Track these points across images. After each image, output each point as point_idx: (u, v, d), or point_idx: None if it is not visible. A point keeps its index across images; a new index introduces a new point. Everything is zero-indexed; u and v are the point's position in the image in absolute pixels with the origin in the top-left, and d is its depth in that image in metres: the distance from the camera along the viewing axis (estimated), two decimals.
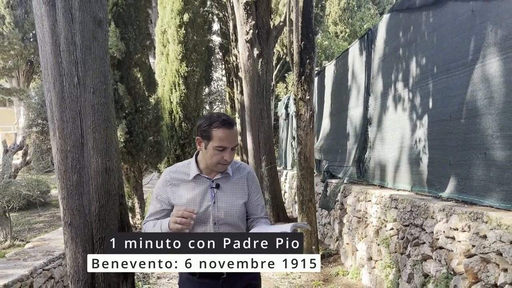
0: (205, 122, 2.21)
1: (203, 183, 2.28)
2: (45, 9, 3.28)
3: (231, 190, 2.31)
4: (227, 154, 2.17)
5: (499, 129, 3.25)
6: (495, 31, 3.32)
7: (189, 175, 2.28)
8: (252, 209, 2.38)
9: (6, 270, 3.73)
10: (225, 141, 2.15)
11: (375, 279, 4.77)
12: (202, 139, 2.22)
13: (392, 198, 4.49)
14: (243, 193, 2.33)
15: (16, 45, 24.07)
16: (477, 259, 2.99)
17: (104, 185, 3.46)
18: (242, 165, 2.43)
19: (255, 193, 2.39)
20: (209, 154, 2.19)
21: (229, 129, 2.17)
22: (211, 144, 2.17)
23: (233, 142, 2.19)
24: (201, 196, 2.25)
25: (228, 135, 2.16)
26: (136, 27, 6.36)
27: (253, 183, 2.39)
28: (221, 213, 2.24)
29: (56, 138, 3.40)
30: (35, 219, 9.74)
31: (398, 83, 5.09)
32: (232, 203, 2.28)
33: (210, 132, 2.16)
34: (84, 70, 3.35)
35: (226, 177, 2.31)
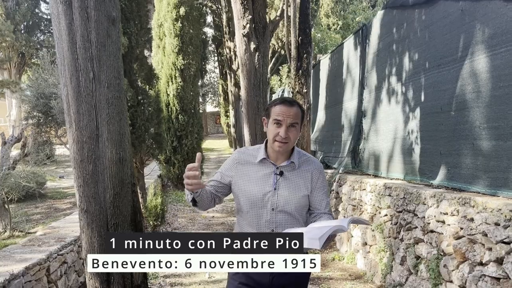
0: (270, 103, 2.29)
1: (268, 168, 2.29)
2: (62, 8, 3.47)
3: (294, 180, 2.29)
4: (282, 130, 2.16)
5: (485, 120, 3.51)
6: (483, 30, 3.57)
7: (256, 158, 2.31)
8: (316, 204, 2.33)
9: (24, 255, 3.95)
10: (281, 115, 2.16)
11: (370, 263, 5.04)
12: (266, 118, 2.28)
13: (386, 186, 4.76)
14: (306, 186, 2.29)
15: (8, 37, 23.99)
16: (464, 240, 3.26)
17: (118, 174, 3.69)
18: (311, 159, 2.41)
19: (320, 189, 2.34)
20: (269, 130, 2.23)
21: (287, 106, 2.19)
22: (270, 121, 2.22)
23: (290, 117, 2.17)
24: (263, 180, 2.27)
25: (284, 110, 2.17)
26: (137, 22, 6.54)
27: (318, 178, 2.34)
28: (281, 200, 2.24)
29: (72, 130, 3.61)
30: (32, 211, 9.83)
31: (391, 77, 5.34)
32: (293, 193, 2.26)
33: (270, 109, 2.23)
34: (99, 66, 3.56)
35: (292, 166, 2.30)
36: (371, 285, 4.74)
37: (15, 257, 3.85)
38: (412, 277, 4.07)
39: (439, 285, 3.56)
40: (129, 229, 3.81)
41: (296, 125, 2.21)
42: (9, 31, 23.74)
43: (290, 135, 2.19)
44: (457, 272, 3.31)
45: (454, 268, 3.36)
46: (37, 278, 3.74)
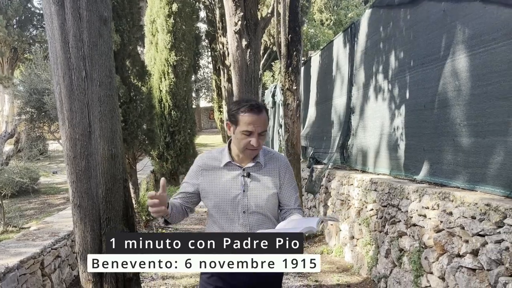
0: (234, 106, 2.21)
1: (234, 171, 2.27)
2: (55, 9, 3.57)
3: (262, 179, 2.28)
4: (254, 139, 2.14)
5: (465, 118, 3.64)
6: (463, 30, 3.69)
7: (221, 162, 2.28)
8: (285, 200, 2.33)
9: (19, 249, 4.05)
10: (252, 125, 2.12)
11: (357, 256, 5.18)
12: (231, 124, 2.21)
13: (372, 182, 4.89)
14: (275, 184, 2.29)
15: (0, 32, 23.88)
16: (444, 233, 3.39)
17: (110, 170, 3.79)
18: (276, 155, 2.40)
19: (289, 184, 2.34)
20: (237, 138, 2.18)
21: (257, 114, 2.13)
22: (238, 129, 2.15)
23: (260, 127, 2.15)
24: (231, 183, 2.25)
25: (255, 119, 2.12)
26: (130, 20, 6.62)
27: (286, 173, 2.34)
28: (250, 202, 2.23)
29: (65, 127, 3.71)
30: (26, 206, 9.87)
31: (378, 74, 5.46)
32: (262, 193, 2.25)
33: (238, 116, 2.15)
34: (91, 64, 3.66)
35: (258, 166, 2.28)
36: (358, 277, 4.88)
37: (9, 251, 3.95)
38: (396, 269, 4.21)
39: (421, 276, 3.70)
40: (121, 224, 3.92)
41: (265, 132, 2.21)
42: (2, 26, 23.63)
43: (260, 143, 2.18)
44: (437, 264, 3.45)
45: (434, 260, 3.50)
46: (31, 272, 3.84)
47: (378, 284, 4.53)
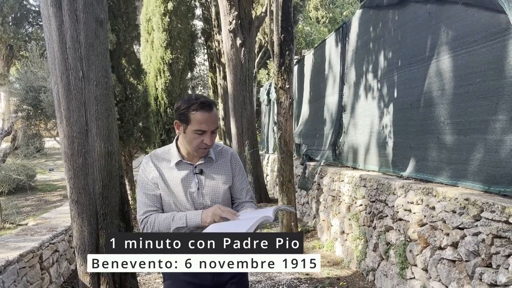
0: (183, 104, 2.10)
1: (186, 169, 2.19)
2: (53, 11, 3.69)
3: (215, 175, 2.23)
4: (207, 138, 2.08)
5: (449, 116, 3.78)
6: (447, 32, 3.83)
7: (171, 162, 2.19)
8: (237, 193, 2.31)
9: (18, 243, 4.18)
10: (204, 124, 2.05)
11: (347, 250, 5.33)
12: (180, 123, 2.11)
13: (362, 178, 5.03)
14: (228, 177, 2.26)
15: None
16: (427, 227, 3.54)
17: (107, 167, 3.92)
18: (224, 148, 2.34)
19: (240, 176, 2.31)
20: (189, 138, 2.10)
21: (208, 111, 2.06)
22: (190, 128, 2.07)
23: (213, 124, 2.10)
24: (184, 183, 2.17)
25: (207, 118, 2.05)
26: (125, 19, 6.73)
27: (236, 165, 2.31)
28: (206, 199, 2.18)
29: (63, 125, 3.83)
30: (23, 203, 9.95)
31: (368, 74, 5.60)
32: (217, 188, 2.21)
33: (188, 115, 2.06)
34: (88, 65, 3.78)
35: (209, 161, 2.23)
36: (348, 271, 5.03)
37: (9, 245, 4.08)
38: (384, 262, 4.36)
39: (406, 268, 3.86)
40: (117, 219, 4.06)
41: (217, 129, 2.17)
42: None
43: (213, 140, 2.15)
44: (420, 257, 3.60)
45: (418, 253, 3.65)
46: (30, 265, 3.97)
47: (367, 277, 4.68)
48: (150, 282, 4.80)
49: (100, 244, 3.98)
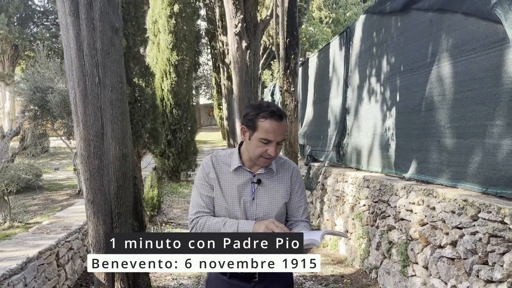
0: (252, 111, 2.05)
1: (244, 176, 2.13)
2: (71, 20, 3.86)
3: (274, 187, 2.14)
4: (272, 148, 2.01)
5: (449, 121, 3.94)
6: (447, 40, 4.00)
7: (230, 166, 2.14)
8: (292, 211, 2.20)
9: (35, 241, 4.36)
10: (271, 134, 1.99)
11: (350, 249, 5.51)
12: (247, 129, 2.06)
13: (365, 179, 5.20)
14: (286, 193, 2.16)
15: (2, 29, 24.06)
16: (428, 226, 3.71)
17: (121, 168, 4.10)
18: (287, 162, 2.26)
19: (298, 194, 2.21)
20: (253, 145, 2.04)
21: (277, 121, 2.00)
22: (255, 135, 2.02)
23: (280, 135, 2.02)
24: (240, 190, 2.11)
25: (275, 127, 1.99)
26: (134, 23, 6.91)
27: (297, 182, 2.22)
28: (260, 211, 2.10)
29: (80, 128, 4.01)
30: (30, 202, 10.10)
31: (371, 77, 5.76)
32: (273, 201, 2.12)
33: (256, 122, 2.01)
34: (103, 71, 3.96)
35: (270, 173, 2.15)
36: (351, 269, 5.21)
37: (27, 243, 4.26)
38: (386, 261, 4.53)
39: (407, 266, 4.03)
40: (131, 218, 4.24)
41: (284, 141, 2.12)
42: (3, 24, 23.77)
43: (278, 152, 2.07)
44: (421, 255, 3.77)
45: (419, 251, 3.82)
46: (48, 262, 4.16)
47: (370, 275, 4.85)
48: (161, 279, 4.98)
49: None
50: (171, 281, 4.87)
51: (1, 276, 3.25)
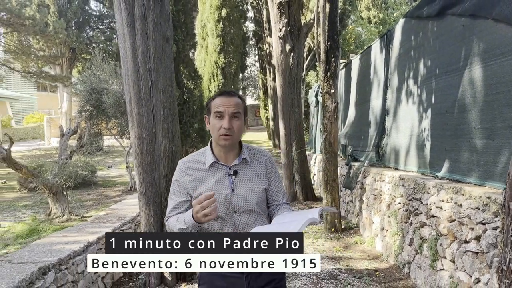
0: (209, 99, 2.21)
1: (220, 171, 2.19)
2: (127, 31, 4.32)
3: (250, 176, 2.22)
4: (226, 121, 2.08)
5: (479, 122, 4.11)
6: (479, 44, 4.16)
7: (205, 164, 2.20)
8: (273, 196, 2.30)
9: (94, 229, 4.85)
10: (221, 106, 2.09)
11: (386, 245, 5.71)
12: (207, 115, 2.18)
13: (400, 178, 5.40)
14: (262, 180, 2.25)
15: (61, 34, 25.32)
16: (455, 222, 3.90)
17: (170, 164, 4.53)
18: (260, 151, 2.34)
19: (275, 179, 2.32)
20: (212, 127, 2.14)
21: (226, 96, 2.14)
22: (211, 116, 2.13)
23: (231, 107, 2.10)
24: (219, 184, 2.17)
25: (224, 101, 2.11)
26: (184, 29, 7.37)
27: (272, 168, 2.31)
28: (241, 200, 2.16)
29: (134, 128, 4.46)
30: (85, 197, 10.77)
31: (409, 80, 5.94)
32: (251, 190, 2.20)
33: (210, 104, 2.15)
34: (156, 76, 4.39)
35: (244, 163, 2.23)
36: (386, 264, 5.41)
37: (87, 230, 4.75)
38: (418, 256, 4.73)
39: (436, 261, 4.22)
40: None
41: (239, 115, 2.14)
42: (62, 29, 24.98)
43: (233, 126, 2.12)
44: (449, 250, 3.96)
45: (447, 246, 4.01)
46: None
47: (403, 270, 5.05)
48: None
49: (164, 230, 4.59)
50: None
51: (67, 256, 3.72)
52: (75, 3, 26.72)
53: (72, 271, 3.78)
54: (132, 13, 4.27)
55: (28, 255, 3.63)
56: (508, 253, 1.74)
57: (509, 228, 1.74)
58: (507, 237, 1.76)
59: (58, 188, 7.88)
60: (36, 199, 10.12)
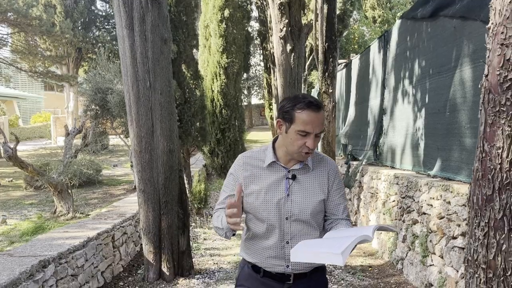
0: (288, 103, 1.96)
1: (278, 172, 2.04)
2: (126, 32, 4.45)
3: (309, 184, 2.04)
4: (310, 141, 1.90)
5: (469, 121, 4.21)
6: (468, 45, 4.26)
7: (264, 162, 2.05)
8: (332, 209, 2.09)
9: (94, 225, 4.99)
10: (310, 125, 1.88)
11: (381, 242, 5.81)
12: (283, 122, 1.96)
13: (395, 176, 5.50)
14: (322, 189, 2.05)
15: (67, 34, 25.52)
16: (444, 219, 4.00)
17: (168, 162, 4.66)
18: (325, 158, 2.14)
19: (337, 191, 2.10)
20: (290, 139, 1.94)
21: (315, 112, 1.89)
22: (293, 128, 1.91)
23: (318, 126, 1.91)
24: (274, 186, 2.02)
25: (313, 118, 1.88)
26: (185, 30, 7.50)
27: (335, 179, 2.11)
28: (295, 208, 2.00)
29: (133, 126, 4.59)
30: (90, 196, 10.93)
31: (405, 80, 6.04)
32: (308, 198, 2.02)
33: (293, 114, 1.90)
34: (154, 76, 4.52)
35: (305, 168, 2.05)
36: (380, 261, 5.52)
37: (88, 226, 4.89)
38: (410, 252, 4.83)
39: (426, 257, 4.32)
40: (176, 206, 4.78)
41: (322, 133, 2.01)
42: (68, 29, 25.18)
43: (316, 144, 1.96)
44: (438, 246, 4.07)
45: (437, 242, 4.11)
46: (105, 243, 4.76)
47: (396, 266, 5.15)
48: (203, 262, 5.50)
49: (162, 227, 4.73)
50: (212, 265, 5.38)
51: (67, 250, 3.86)
52: (81, 3, 26.94)
53: (71, 265, 3.92)
54: (131, 15, 4.40)
55: (30, 249, 3.77)
56: (472, 244, 1.85)
57: (473, 220, 1.85)
58: (471, 229, 1.87)
59: (63, 186, 8.05)
60: (42, 197, 10.30)
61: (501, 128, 1.75)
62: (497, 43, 1.77)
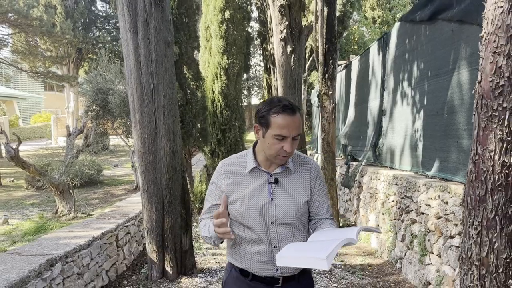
0: (264, 107, 1.95)
1: (260, 177, 2.03)
2: (130, 35, 4.53)
3: (292, 186, 2.04)
4: (288, 144, 1.90)
5: (466, 123, 4.30)
6: (466, 48, 4.35)
7: (246, 168, 2.04)
8: (316, 209, 2.10)
9: (99, 224, 5.07)
10: (285, 129, 1.88)
11: (380, 242, 5.90)
12: (260, 127, 1.96)
13: (394, 177, 5.59)
14: (305, 191, 2.06)
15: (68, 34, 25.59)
16: (442, 219, 4.09)
17: (171, 163, 4.74)
18: (306, 159, 2.14)
19: (320, 191, 2.11)
20: (268, 143, 1.93)
21: (291, 115, 1.88)
22: (269, 132, 1.91)
23: (295, 130, 1.90)
24: (257, 191, 2.01)
25: (289, 122, 1.87)
26: (187, 32, 7.59)
27: (317, 179, 2.11)
28: (280, 212, 2.00)
29: (137, 128, 4.68)
30: (91, 196, 11.01)
31: (404, 81, 6.13)
32: (292, 201, 2.02)
33: (269, 118, 1.90)
34: (157, 79, 4.61)
35: (287, 171, 2.05)
36: (379, 260, 5.61)
37: (92, 226, 4.98)
38: (409, 252, 4.92)
39: (425, 256, 4.41)
40: (179, 206, 4.87)
41: (299, 136, 1.96)
42: (69, 29, 25.26)
43: (294, 148, 1.95)
44: (436, 245, 4.16)
45: (435, 242, 4.20)
46: (109, 242, 4.85)
47: (395, 265, 5.24)
48: (205, 262, 5.58)
49: (165, 226, 4.81)
50: (214, 264, 5.47)
51: (72, 249, 3.95)
52: (81, 4, 27.04)
53: (77, 263, 4.01)
54: (135, 19, 4.49)
55: (37, 248, 3.86)
56: (466, 243, 1.94)
57: (467, 220, 1.94)
58: (465, 228, 1.95)
59: (64, 186, 8.12)
60: (43, 198, 10.39)
61: (494, 132, 1.84)
62: (489, 51, 1.85)
